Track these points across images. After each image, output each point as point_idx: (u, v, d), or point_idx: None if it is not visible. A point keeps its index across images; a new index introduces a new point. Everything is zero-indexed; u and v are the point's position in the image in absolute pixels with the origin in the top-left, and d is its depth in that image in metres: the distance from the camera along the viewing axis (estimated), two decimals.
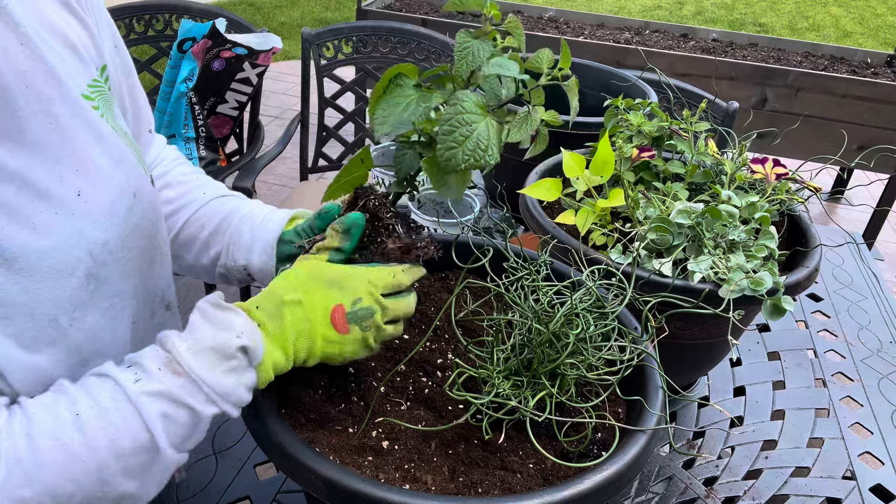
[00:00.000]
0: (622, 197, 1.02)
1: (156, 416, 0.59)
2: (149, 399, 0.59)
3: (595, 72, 1.72)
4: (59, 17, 0.67)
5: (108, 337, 0.70)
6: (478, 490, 0.65)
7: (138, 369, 0.61)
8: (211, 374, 0.61)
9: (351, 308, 0.67)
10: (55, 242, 0.61)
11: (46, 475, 0.55)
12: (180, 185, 0.89)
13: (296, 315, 0.66)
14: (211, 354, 0.61)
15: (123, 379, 0.60)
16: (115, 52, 0.77)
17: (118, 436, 0.58)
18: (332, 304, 0.67)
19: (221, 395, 0.62)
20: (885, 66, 3.35)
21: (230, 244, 0.84)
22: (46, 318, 0.61)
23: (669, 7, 7.02)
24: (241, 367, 0.63)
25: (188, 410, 0.61)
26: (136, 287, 0.74)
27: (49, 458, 0.56)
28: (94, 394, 0.59)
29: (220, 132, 2.13)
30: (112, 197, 0.67)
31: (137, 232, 0.71)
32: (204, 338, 0.62)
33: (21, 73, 0.60)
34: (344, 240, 0.72)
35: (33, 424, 0.57)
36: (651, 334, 0.76)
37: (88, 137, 0.65)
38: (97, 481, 0.57)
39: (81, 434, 0.57)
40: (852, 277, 1.62)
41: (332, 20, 5.97)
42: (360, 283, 0.68)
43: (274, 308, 0.66)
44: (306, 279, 0.68)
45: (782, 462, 1.10)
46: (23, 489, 0.55)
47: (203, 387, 0.61)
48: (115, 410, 0.58)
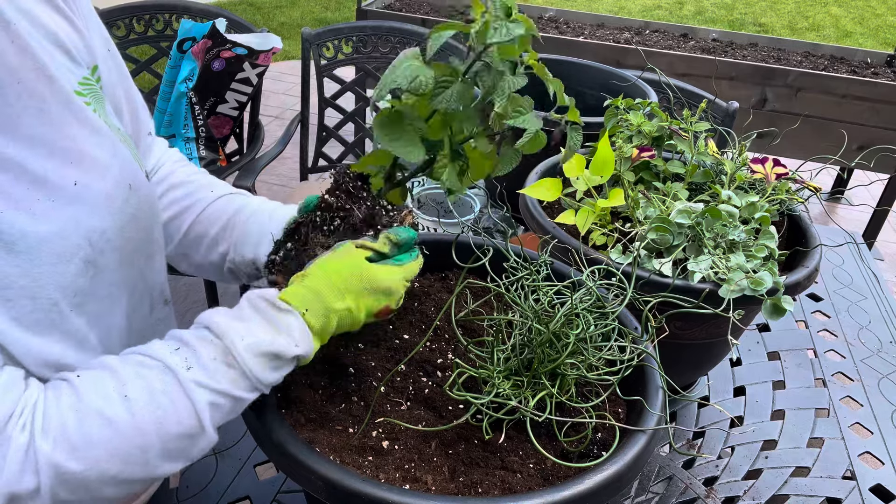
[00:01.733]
0: (622, 197, 1.02)
1: (206, 404, 0.61)
2: (200, 389, 0.61)
3: (595, 72, 1.72)
4: (49, 17, 0.68)
5: (105, 325, 0.71)
6: (478, 490, 0.65)
7: (189, 354, 0.62)
8: (263, 372, 0.64)
9: (396, 306, 0.73)
10: (54, 228, 0.62)
11: (94, 451, 0.57)
12: (187, 184, 0.89)
13: (343, 320, 0.69)
14: (269, 358, 0.64)
15: (174, 364, 0.61)
16: (109, 55, 0.78)
17: (166, 419, 0.60)
18: (381, 306, 0.71)
19: (266, 385, 0.65)
20: (885, 66, 3.35)
21: (238, 241, 0.85)
22: (48, 302, 0.62)
23: (669, 7, 7.02)
24: (289, 365, 0.67)
25: (234, 399, 0.63)
26: (133, 279, 0.75)
27: (97, 435, 0.57)
28: (143, 375, 0.61)
29: (220, 132, 2.13)
30: (108, 187, 0.68)
31: (134, 223, 0.72)
32: (264, 340, 0.64)
33: (12, 69, 0.61)
34: (393, 250, 0.74)
35: (81, 399, 0.58)
36: (651, 334, 0.76)
37: (82, 131, 0.66)
38: (141, 463, 0.59)
39: (130, 414, 0.59)
40: (852, 277, 1.62)
41: (332, 20, 5.97)
42: (401, 284, 0.72)
43: (323, 314, 0.67)
44: (352, 282, 0.69)
45: (782, 462, 1.10)
46: (70, 463, 0.56)
47: (253, 380, 0.64)
48: (164, 394, 0.60)
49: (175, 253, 0.89)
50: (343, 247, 0.72)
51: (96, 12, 0.78)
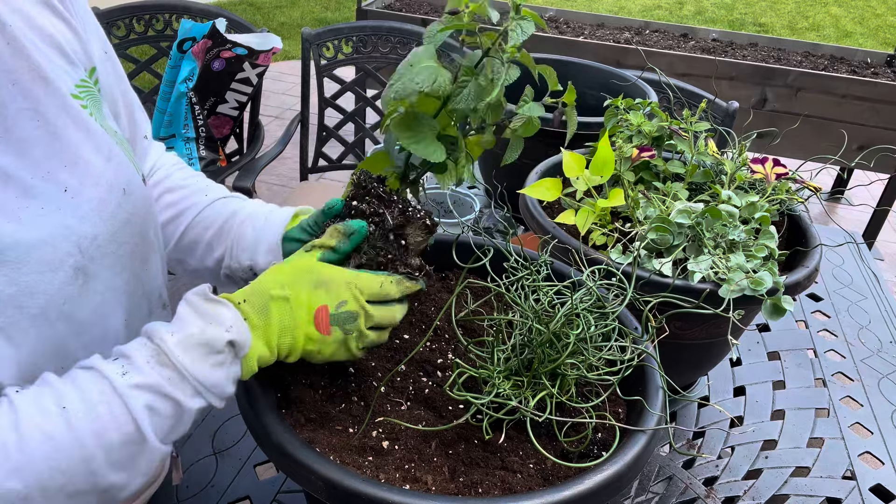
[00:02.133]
0: (622, 197, 1.02)
1: (142, 408, 0.59)
2: (135, 391, 0.59)
3: (595, 72, 1.72)
4: (46, 19, 0.68)
5: (98, 333, 0.70)
6: (478, 490, 0.65)
7: (125, 362, 0.61)
8: (199, 368, 0.62)
9: (335, 310, 0.68)
10: (42, 236, 0.61)
11: (36, 468, 0.56)
12: (182, 188, 0.89)
13: (282, 311, 0.67)
14: (200, 349, 0.62)
15: (110, 371, 0.60)
16: (106, 58, 0.78)
17: (105, 428, 0.58)
18: (317, 304, 0.68)
19: (208, 387, 0.62)
20: (885, 66, 3.35)
21: (234, 246, 0.84)
22: (35, 312, 0.62)
23: (669, 7, 7.02)
24: (228, 360, 0.64)
25: (173, 402, 0.61)
26: (130, 284, 0.74)
27: (38, 451, 0.56)
28: (80, 386, 0.60)
29: (220, 132, 2.13)
30: (101, 192, 0.67)
31: (128, 227, 0.71)
32: (193, 332, 0.62)
33: (7, 71, 0.60)
34: (342, 242, 0.72)
35: (20, 418, 0.57)
36: (651, 334, 0.76)
37: (77, 134, 0.66)
38: (85, 473, 0.58)
39: (69, 427, 0.57)
40: (852, 277, 1.62)
41: (332, 20, 5.97)
42: (346, 287, 0.69)
43: (261, 303, 0.66)
44: (295, 276, 0.69)
45: (782, 462, 1.10)
46: (13, 482, 0.55)
47: (190, 380, 0.61)
48: (103, 403, 0.59)
49: (171, 257, 0.89)
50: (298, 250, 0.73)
51: (96, 13, 0.78)
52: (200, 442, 1.04)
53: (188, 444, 1.03)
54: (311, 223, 0.81)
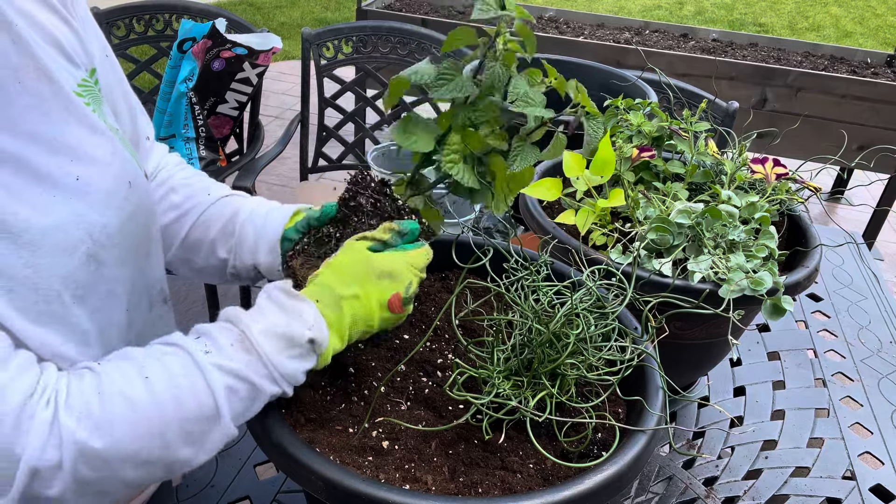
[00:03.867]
0: (622, 197, 1.02)
1: (222, 387, 0.62)
2: (217, 371, 0.62)
3: (595, 72, 1.72)
4: (48, 19, 0.69)
5: (104, 320, 0.71)
6: (478, 490, 0.65)
7: (209, 341, 0.64)
8: (279, 357, 0.65)
9: (406, 294, 0.72)
10: (56, 221, 0.63)
11: (116, 430, 0.58)
12: (184, 188, 0.90)
13: (355, 308, 0.70)
14: (282, 340, 0.65)
15: (193, 348, 0.63)
16: (107, 61, 0.79)
17: (185, 400, 0.61)
18: (389, 293, 0.71)
19: (284, 376, 0.65)
20: (885, 66, 3.35)
21: (237, 246, 0.85)
22: (51, 294, 0.63)
23: (669, 7, 7.02)
24: (306, 353, 0.67)
25: (250, 385, 0.63)
26: (133, 276, 0.76)
27: (119, 414, 0.58)
28: (162, 359, 0.62)
29: (220, 132, 2.13)
30: (108, 184, 0.69)
31: (134, 220, 0.73)
32: (278, 323, 0.65)
33: (13, 69, 0.62)
34: (396, 239, 0.75)
35: (104, 381, 0.60)
36: (651, 334, 0.76)
37: (81, 130, 0.67)
38: (160, 444, 0.60)
39: (151, 395, 0.60)
40: (852, 277, 1.62)
41: (332, 20, 5.97)
42: (408, 270, 0.73)
43: (333, 301, 0.69)
44: (359, 273, 0.71)
45: (782, 462, 1.10)
46: (93, 440, 0.57)
47: (269, 367, 0.64)
48: (184, 377, 0.61)
49: (176, 258, 0.90)
50: (346, 243, 0.74)
51: (95, 13, 0.79)
52: None
53: None
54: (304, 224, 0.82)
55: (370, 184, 0.78)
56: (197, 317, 1.67)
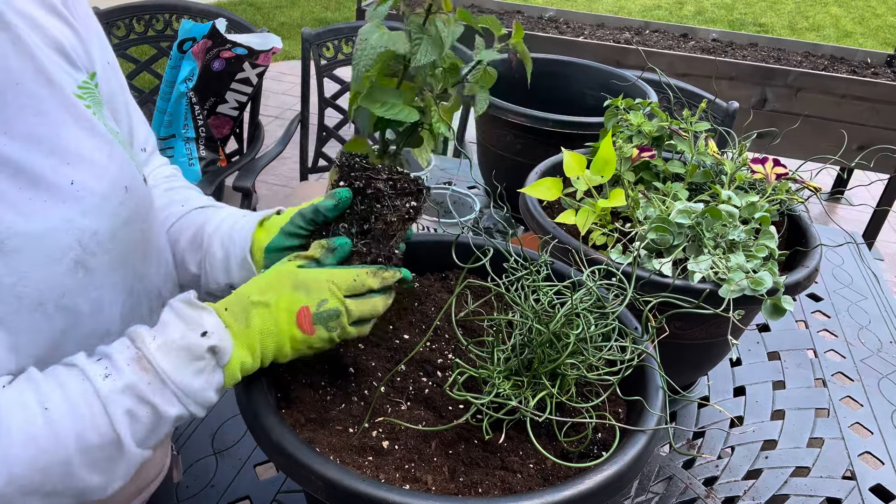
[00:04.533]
0: (622, 197, 1.02)
1: (122, 413, 0.60)
2: (116, 396, 0.60)
3: (595, 72, 1.72)
4: (49, 22, 0.68)
5: (94, 326, 0.70)
6: (478, 490, 0.65)
7: (108, 363, 0.61)
8: (179, 374, 0.62)
9: (316, 309, 0.69)
10: (42, 228, 0.62)
11: (13, 467, 0.56)
12: (162, 199, 0.88)
13: (262, 316, 0.67)
14: (180, 354, 0.62)
15: (93, 373, 0.60)
16: (109, 67, 0.78)
17: (85, 431, 0.59)
18: (298, 306, 0.68)
19: (188, 394, 0.63)
20: (885, 66, 3.35)
21: (206, 262, 0.83)
22: (33, 302, 0.62)
23: (669, 7, 7.02)
24: (210, 367, 0.64)
25: (151, 408, 0.61)
26: (128, 281, 0.74)
27: (18, 450, 0.56)
28: (63, 385, 0.60)
29: (220, 132, 2.13)
30: (103, 188, 0.68)
31: (129, 225, 0.72)
32: (174, 337, 0.63)
33: (12, 71, 0.61)
34: (326, 256, 0.73)
35: (2, 415, 0.57)
36: (651, 334, 0.76)
37: (80, 132, 0.66)
38: (63, 474, 0.58)
39: (50, 428, 0.58)
40: (852, 277, 1.62)
41: (332, 20, 5.96)
42: (325, 286, 0.70)
43: (241, 310, 0.67)
44: (274, 282, 0.69)
45: (782, 462, 1.10)
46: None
47: (170, 385, 0.62)
48: (84, 405, 0.59)
49: None
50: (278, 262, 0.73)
51: (95, 13, 0.78)
52: (200, 442, 1.04)
53: (188, 444, 1.03)
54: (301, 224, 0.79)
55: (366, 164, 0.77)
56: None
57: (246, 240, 0.81)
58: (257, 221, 0.82)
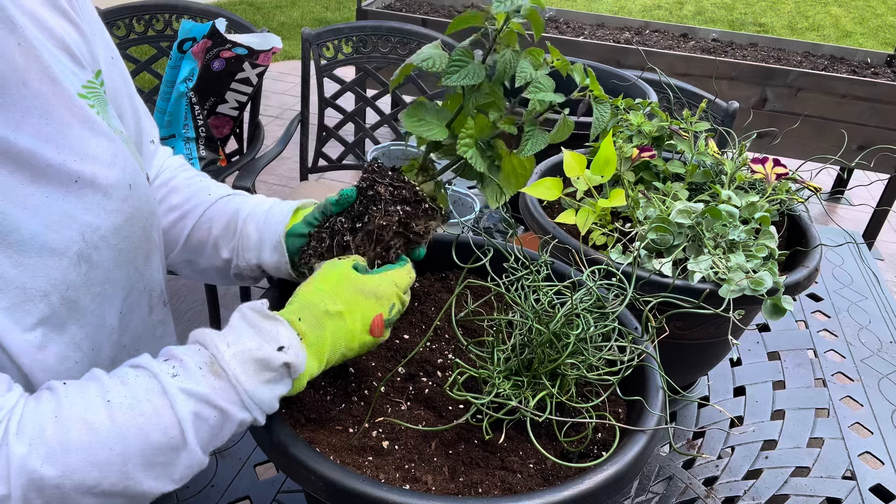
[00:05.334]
0: (623, 197, 1.02)
1: (188, 413, 0.59)
2: (184, 396, 0.59)
3: (595, 72, 1.72)
4: (55, 21, 0.69)
5: (96, 321, 0.71)
6: (478, 490, 0.65)
7: (177, 364, 0.61)
8: (251, 383, 0.62)
9: (389, 315, 0.71)
10: (46, 222, 0.63)
11: (71, 459, 0.55)
12: (185, 188, 0.89)
13: (337, 327, 0.67)
14: (255, 364, 0.62)
15: (160, 371, 0.60)
16: (112, 63, 0.79)
17: (149, 427, 0.57)
18: (372, 314, 0.70)
19: (255, 402, 0.62)
20: (885, 66, 3.35)
21: (239, 246, 0.84)
22: (38, 294, 0.63)
23: (669, 7, 7.02)
24: (280, 378, 0.64)
25: (219, 412, 0.61)
26: (131, 278, 0.75)
27: (76, 440, 0.55)
28: (127, 382, 0.59)
29: (220, 132, 2.13)
30: (107, 186, 0.69)
31: (132, 223, 0.73)
32: (250, 347, 0.62)
33: (18, 70, 0.62)
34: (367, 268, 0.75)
35: (62, 406, 0.56)
36: (651, 334, 0.76)
37: (84, 131, 0.67)
38: (119, 472, 0.57)
39: (111, 420, 0.56)
40: (852, 277, 1.62)
41: (332, 20, 5.96)
42: (392, 290, 0.72)
43: (315, 319, 0.66)
44: (343, 289, 0.69)
45: (782, 462, 1.10)
46: (45, 468, 0.54)
47: (241, 393, 0.61)
48: (148, 402, 0.58)
49: (179, 259, 0.89)
50: (327, 263, 0.73)
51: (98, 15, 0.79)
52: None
53: None
54: (316, 215, 0.80)
55: (387, 172, 0.77)
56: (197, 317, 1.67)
57: (282, 224, 0.82)
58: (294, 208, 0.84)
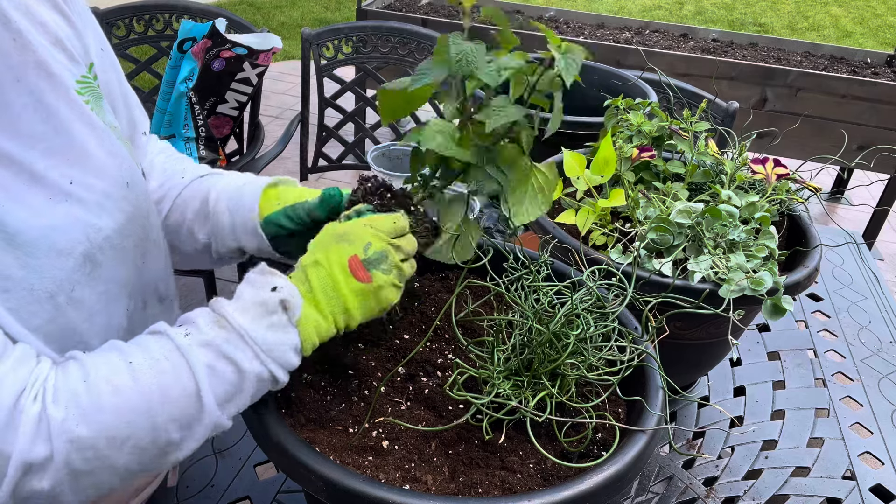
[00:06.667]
0: (623, 197, 1.02)
1: (202, 365, 0.62)
2: (196, 349, 0.62)
3: (595, 72, 1.72)
4: (48, 15, 0.69)
5: (103, 321, 0.71)
6: (478, 490, 0.65)
7: (189, 325, 0.64)
8: (254, 329, 0.64)
9: (364, 255, 0.70)
10: (51, 223, 0.63)
11: (103, 416, 0.58)
12: (161, 173, 0.90)
13: (318, 273, 0.68)
14: (255, 309, 0.65)
15: (174, 333, 0.63)
16: (103, 54, 0.79)
17: (168, 382, 0.61)
18: (347, 256, 0.69)
19: (265, 350, 0.64)
20: (885, 66, 3.35)
21: (214, 228, 0.85)
22: (45, 295, 0.63)
23: (669, 7, 7.02)
24: (283, 323, 0.65)
25: (233, 366, 0.63)
26: (131, 277, 0.76)
27: (106, 400, 0.59)
28: (145, 346, 0.63)
29: (220, 132, 2.13)
30: (105, 185, 0.69)
31: (132, 221, 0.73)
32: (248, 296, 0.66)
33: (12, 66, 0.62)
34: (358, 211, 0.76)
35: (89, 371, 0.60)
36: (651, 334, 0.76)
37: (81, 128, 0.67)
38: (149, 426, 0.60)
39: (134, 380, 0.60)
40: (852, 277, 1.62)
41: (332, 20, 5.96)
42: (364, 230, 0.71)
43: (302, 274, 0.69)
44: (320, 240, 0.71)
45: (782, 462, 1.10)
46: (81, 428, 0.57)
47: (248, 340, 0.63)
48: (165, 360, 0.61)
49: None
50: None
51: (95, 13, 0.79)
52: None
53: None
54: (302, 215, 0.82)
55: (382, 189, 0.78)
56: None
57: (253, 207, 0.83)
58: (263, 187, 0.84)
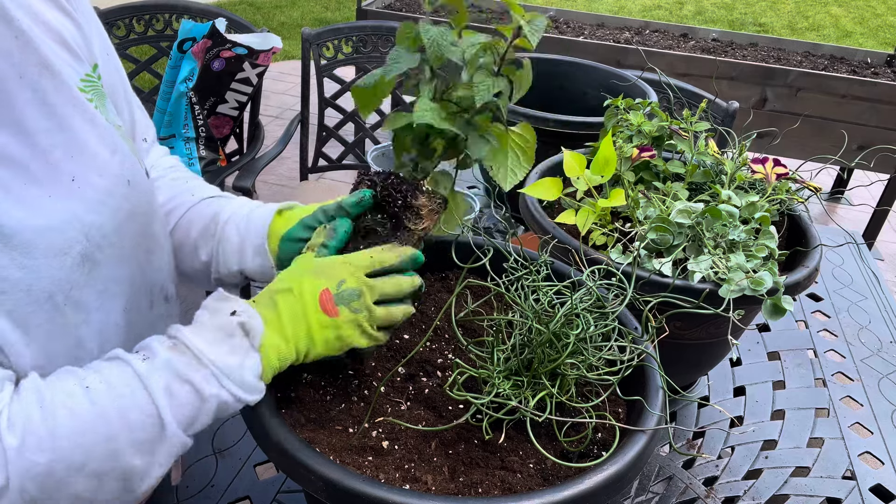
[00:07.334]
0: (622, 197, 1.02)
1: (160, 389, 0.61)
2: (154, 374, 0.61)
3: (595, 72, 1.72)
4: (51, 14, 0.69)
5: (101, 319, 0.71)
6: (478, 490, 0.65)
7: (146, 350, 0.64)
8: (213, 352, 0.63)
9: (336, 290, 0.69)
10: (49, 222, 0.63)
11: (59, 443, 0.57)
12: (170, 189, 0.89)
13: (287, 300, 0.68)
14: (214, 332, 0.64)
15: (130, 358, 0.63)
16: (108, 59, 0.79)
17: (127, 407, 0.60)
18: (319, 289, 0.69)
19: (225, 373, 0.63)
20: (885, 66, 3.35)
21: (219, 251, 0.84)
22: (43, 296, 0.63)
23: (669, 7, 7.02)
24: (244, 347, 0.65)
25: (190, 387, 0.62)
26: (133, 275, 0.75)
27: (62, 426, 0.58)
28: (101, 371, 0.62)
29: (220, 132, 2.13)
30: (106, 183, 0.68)
31: (132, 219, 0.73)
32: (204, 320, 0.66)
33: (15, 64, 0.61)
34: (329, 237, 0.75)
35: (45, 396, 0.59)
36: (651, 334, 0.76)
37: (84, 125, 0.67)
38: (107, 452, 0.59)
39: (92, 404, 0.59)
40: (852, 277, 1.62)
41: (332, 20, 5.96)
42: (342, 267, 0.71)
43: (268, 298, 0.69)
44: (294, 271, 0.71)
45: (782, 462, 1.10)
46: (37, 455, 0.56)
47: (206, 363, 0.63)
48: (124, 385, 0.61)
49: None
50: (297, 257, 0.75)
51: (96, 13, 0.79)
52: (200, 442, 1.04)
53: None
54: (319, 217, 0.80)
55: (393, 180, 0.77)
56: None
57: (264, 227, 0.82)
58: (275, 211, 0.83)
